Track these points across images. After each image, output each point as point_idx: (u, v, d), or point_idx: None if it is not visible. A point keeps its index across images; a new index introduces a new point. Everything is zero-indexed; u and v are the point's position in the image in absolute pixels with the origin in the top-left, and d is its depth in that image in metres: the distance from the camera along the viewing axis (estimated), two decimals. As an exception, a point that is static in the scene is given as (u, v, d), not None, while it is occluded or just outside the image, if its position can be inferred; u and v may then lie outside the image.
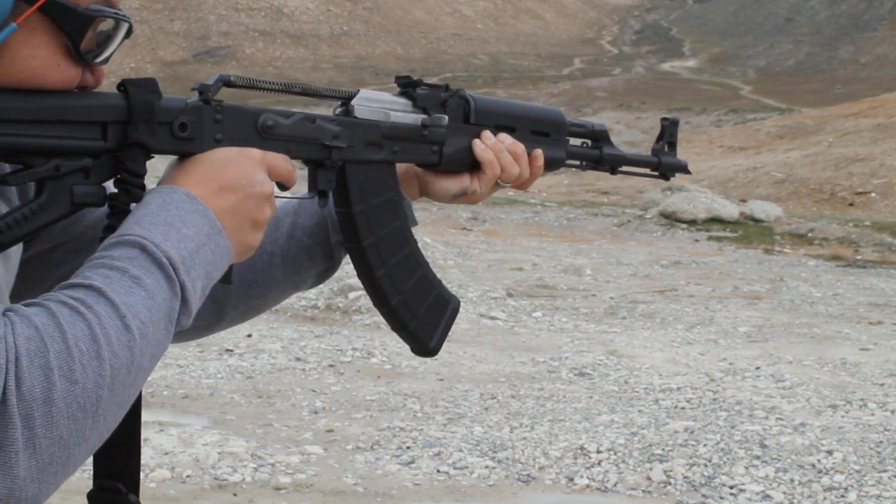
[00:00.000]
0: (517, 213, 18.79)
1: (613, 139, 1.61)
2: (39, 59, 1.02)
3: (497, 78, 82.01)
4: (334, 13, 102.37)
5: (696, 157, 28.88)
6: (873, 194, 21.91)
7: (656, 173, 1.61)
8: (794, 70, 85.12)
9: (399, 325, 1.35)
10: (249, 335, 7.91)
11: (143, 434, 5.39)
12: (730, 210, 17.32)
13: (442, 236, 14.79)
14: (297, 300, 9.12)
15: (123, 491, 1.18)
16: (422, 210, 17.69)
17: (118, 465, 1.18)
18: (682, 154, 1.74)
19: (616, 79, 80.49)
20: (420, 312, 1.35)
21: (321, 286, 9.23)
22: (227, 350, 7.43)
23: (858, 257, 14.86)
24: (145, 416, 5.81)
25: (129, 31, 1.09)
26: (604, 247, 15.37)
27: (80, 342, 0.91)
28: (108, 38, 1.07)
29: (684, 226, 16.92)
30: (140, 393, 1.09)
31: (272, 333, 8.08)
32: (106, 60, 1.08)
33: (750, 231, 16.61)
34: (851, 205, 21.52)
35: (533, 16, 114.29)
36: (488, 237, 16.02)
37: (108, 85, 1.11)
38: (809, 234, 16.30)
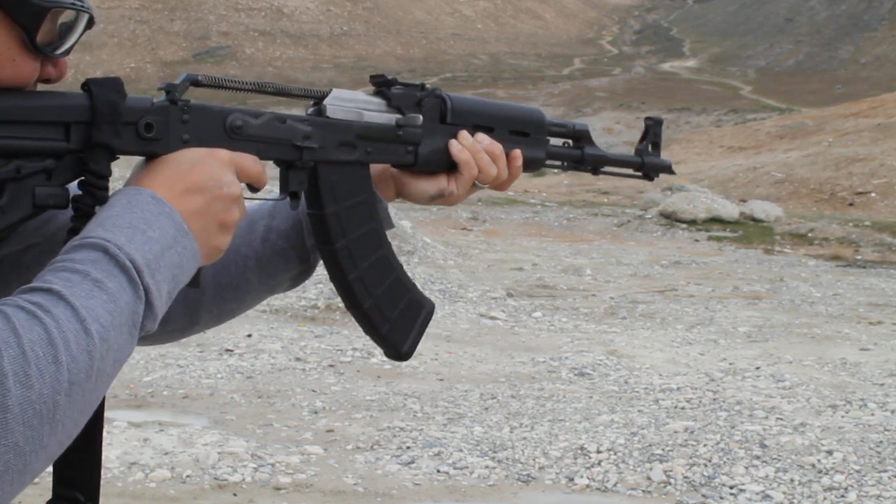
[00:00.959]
0: (517, 213, 18.78)
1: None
2: None
3: (497, 78, 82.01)
4: (334, 13, 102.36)
5: (696, 157, 28.87)
6: (873, 194, 21.91)
7: (640, 174, 1.59)
8: (794, 70, 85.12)
9: (371, 328, 1.33)
10: (249, 335, 7.91)
11: (143, 434, 5.39)
12: (730, 210, 17.32)
13: (442, 236, 14.79)
14: (297, 300, 9.12)
15: (81, 500, 1.16)
16: (422, 210, 17.68)
17: (75, 472, 1.15)
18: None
19: (616, 79, 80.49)
20: (393, 316, 1.33)
21: (321, 286, 9.23)
22: (227, 350, 7.43)
23: (858, 257, 14.86)
24: (145, 416, 5.83)
25: (91, 22, 1.07)
26: (604, 247, 15.37)
27: (35, 346, 0.88)
28: (68, 29, 1.05)
29: (684, 226, 16.91)
30: (103, 398, 1.06)
31: (272, 333, 8.08)
32: (67, 52, 1.07)
33: (750, 231, 16.61)
34: (851, 205, 21.52)
35: (533, 16, 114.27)
36: (488, 237, 16.02)
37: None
38: (809, 234, 16.30)
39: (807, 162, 24.90)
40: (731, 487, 4.87)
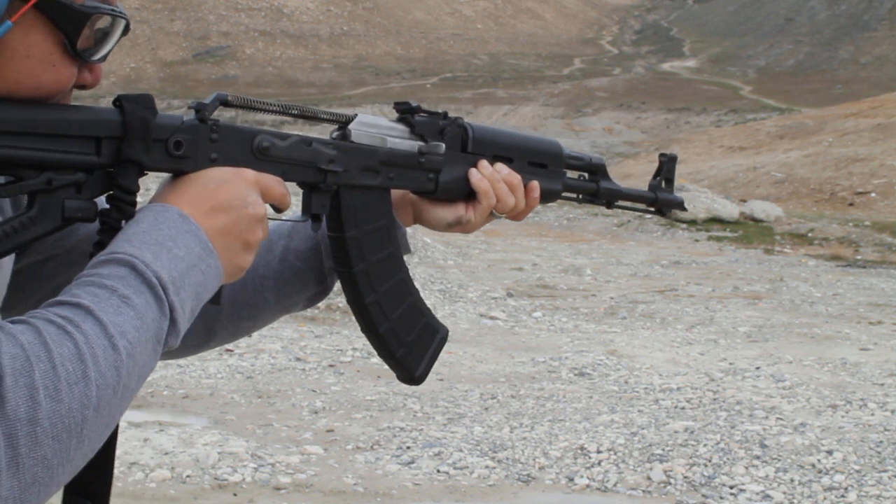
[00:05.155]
0: (517, 213, 18.78)
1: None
2: (35, 59, 1.00)
3: (497, 78, 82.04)
4: (334, 13, 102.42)
5: (696, 157, 28.87)
6: (873, 194, 21.92)
7: (653, 209, 1.61)
8: (794, 70, 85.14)
9: (386, 352, 1.34)
10: (249, 335, 7.91)
11: (143, 434, 5.39)
12: (730, 210, 17.32)
13: (442, 236, 14.78)
14: (297, 300, 9.12)
15: None
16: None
17: (88, 480, 1.14)
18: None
19: (616, 79, 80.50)
20: (408, 340, 1.34)
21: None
22: (227, 350, 7.43)
23: (858, 257, 14.86)
24: (145, 416, 5.83)
25: (127, 29, 1.08)
26: (604, 247, 15.37)
27: (66, 362, 0.89)
28: (105, 35, 1.06)
29: (684, 226, 16.92)
30: None
31: (272, 333, 8.08)
32: (104, 58, 1.07)
33: (750, 231, 16.61)
34: (851, 205, 21.53)
35: (533, 16, 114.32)
36: (488, 237, 16.02)
37: (106, 86, 1.10)
38: (809, 234, 16.30)
39: (807, 162, 24.91)
40: (731, 487, 4.87)
